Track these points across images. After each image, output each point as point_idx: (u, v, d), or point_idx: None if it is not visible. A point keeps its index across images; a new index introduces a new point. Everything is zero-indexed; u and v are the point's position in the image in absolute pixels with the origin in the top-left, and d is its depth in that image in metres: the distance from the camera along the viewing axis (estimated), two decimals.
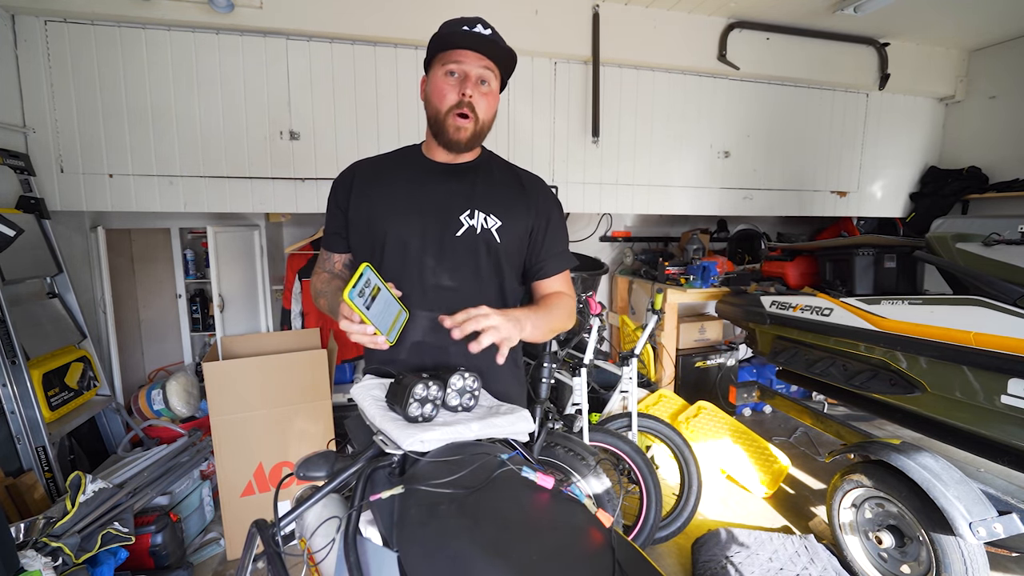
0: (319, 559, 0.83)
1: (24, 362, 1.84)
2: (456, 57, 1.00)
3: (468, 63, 1.00)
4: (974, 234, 1.72)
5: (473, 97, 1.02)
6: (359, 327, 0.85)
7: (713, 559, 1.96)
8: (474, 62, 1.00)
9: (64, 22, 2.17)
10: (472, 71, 1.01)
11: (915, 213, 3.63)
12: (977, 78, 3.44)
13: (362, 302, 0.82)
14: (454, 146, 1.07)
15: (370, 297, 0.84)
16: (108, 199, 2.29)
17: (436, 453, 0.80)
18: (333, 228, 1.16)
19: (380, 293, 0.87)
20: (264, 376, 2.10)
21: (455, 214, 1.07)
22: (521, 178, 1.18)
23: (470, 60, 1.00)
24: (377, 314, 0.86)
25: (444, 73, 1.02)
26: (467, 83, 1.01)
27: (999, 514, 1.48)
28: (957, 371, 1.64)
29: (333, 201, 1.15)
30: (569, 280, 1.20)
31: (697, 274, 3.16)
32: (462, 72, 1.01)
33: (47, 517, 1.57)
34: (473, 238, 1.07)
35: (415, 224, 1.07)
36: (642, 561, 0.62)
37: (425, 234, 1.06)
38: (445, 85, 1.02)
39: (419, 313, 1.06)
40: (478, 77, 1.02)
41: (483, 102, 1.04)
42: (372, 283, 0.84)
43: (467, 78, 1.01)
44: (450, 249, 1.07)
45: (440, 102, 1.03)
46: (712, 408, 2.93)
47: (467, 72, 1.01)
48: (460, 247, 1.07)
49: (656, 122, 3.04)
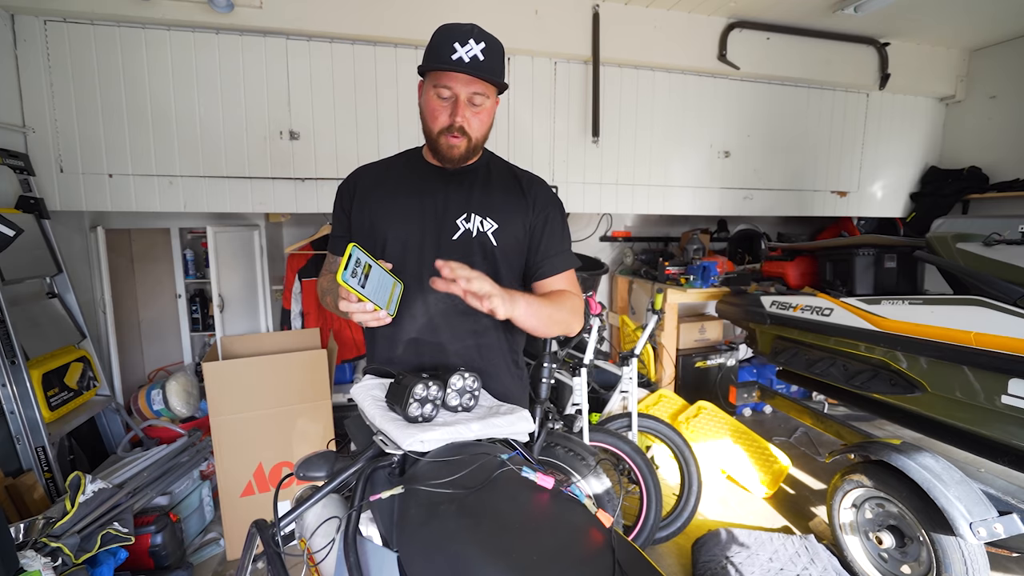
0: (319, 559, 0.83)
1: (24, 362, 1.84)
2: (446, 81, 0.99)
3: (458, 86, 0.99)
4: (974, 234, 1.72)
5: (465, 118, 1.02)
6: (358, 306, 0.87)
7: (713, 559, 1.96)
8: (465, 84, 0.99)
9: (64, 22, 2.16)
10: (463, 93, 1.00)
11: (915, 213, 3.63)
12: (977, 78, 3.44)
13: (356, 281, 0.84)
14: (448, 162, 1.08)
15: (363, 275, 0.86)
16: (108, 199, 2.29)
17: (436, 453, 0.80)
18: (339, 232, 1.19)
19: (372, 270, 0.88)
20: (264, 376, 2.10)
21: (451, 218, 1.08)
22: (520, 179, 1.18)
23: (460, 83, 0.99)
24: (373, 290, 0.87)
25: (435, 95, 1.01)
26: (458, 107, 1.00)
27: (999, 514, 1.48)
28: (957, 371, 1.63)
29: (338, 205, 1.18)
30: (575, 280, 1.18)
31: (697, 274, 3.16)
32: (453, 95, 1.00)
33: (47, 517, 1.57)
34: (469, 241, 1.08)
35: (413, 228, 1.08)
36: (642, 561, 0.61)
37: (423, 238, 1.08)
38: (437, 106, 1.02)
39: (420, 306, 1.07)
40: (468, 98, 1.01)
41: (475, 121, 1.04)
42: (362, 261, 0.86)
43: (458, 101, 1.00)
44: (446, 252, 1.06)
45: (432, 123, 1.04)
46: (712, 408, 2.93)
47: (458, 95, 1.00)
48: (456, 250, 1.07)
49: (656, 122, 3.04)
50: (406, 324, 1.07)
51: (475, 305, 0.88)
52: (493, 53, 1.00)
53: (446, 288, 0.86)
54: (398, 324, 1.04)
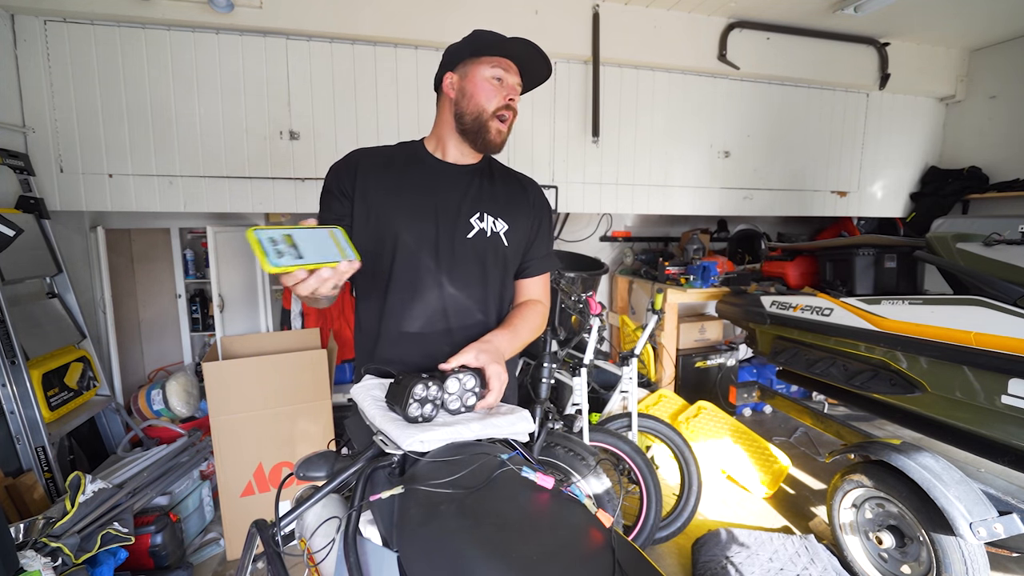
0: (319, 559, 0.83)
1: (24, 362, 1.84)
2: (505, 64, 1.06)
3: (511, 74, 1.07)
4: (974, 234, 1.72)
5: (515, 103, 1.08)
6: (315, 278, 0.76)
7: (713, 559, 1.96)
8: (514, 74, 1.08)
9: (64, 22, 2.16)
10: (512, 81, 1.07)
11: (915, 213, 3.63)
12: (977, 78, 3.44)
13: (290, 258, 0.71)
14: (490, 147, 1.10)
15: (291, 247, 0.72)
16: (108, 199, 2.29)
17: (436, 453, 0.80)
18: (331, 214, 1.10)
19: (295, 236, 0.74)
20: (264, 376, 2.10)
21: (465, 216, 1.08)
22: (521, 181, 1.20)
23: (513, 72, 1.07)
24: (315, 252, 0.75)
25: (492, 76, 1.06)
26: (512, 90, 1.07)
27: (999, 514, 1.48)
28: (957, 371, 1.63)
29: (335, 186, 1.09)
30: (547, 283, 1.24)
31: (697, 274, 3.16)
32: (507, 79, 1.07)
33: (47, 517, 1.57)
34: (483, 241, 1.08)
35: (428, 225, 1.06)
36: (642, 561, 0.62)
37: (438, 235, 1.06)
38: (492, 87, 1.06)
39: (437, 305, 1.07)
40: (515, 86, 1.08)
41: (513, 113, 1.10)
42: (277, 237, 0.72)
43: (510, 87, 1.07)
44: (460, 251, 1.07)
45: (487, 102, 1.06)
46: (712, 408, 2.93)
47: (509, 82, 1.07)
48: (470, 249, 1.08)
49: (656, 122, 3.04)
50: (420, 323, 1.07)
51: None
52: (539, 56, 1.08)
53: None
54: (409, 321, 1.06)
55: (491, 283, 1.11)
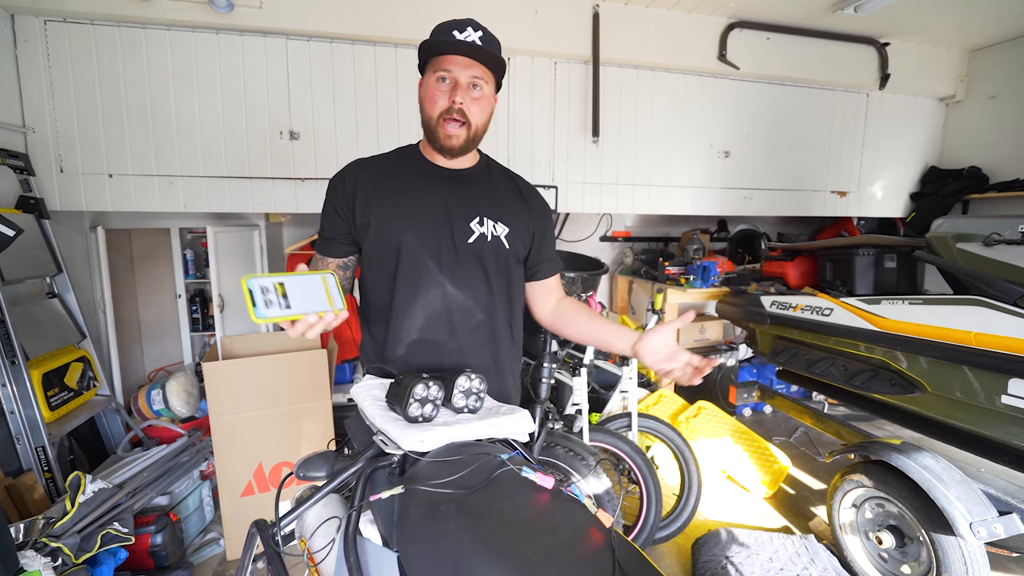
0: (319, 559, 0.83)
1: (24, 362, 1.84)
2: (446, 64, 1.00)
3: (458, 69, 1.00)
4: (974, 234, 1.72)
5: (464, 103, 1.01)
6: (302, 324, 0.79)
7: (713, 559, 1.96)
8: (464, 68, 1.00)
9: (64, 22, 2.16)
10: (462, 77, 1.00)
11: (915, 213, 3.63)
12: (977, 78, 3.44)
13: (277, 308, 0.74)
14: (447, 152, 1.06)
15: (282, 296, 0.75)
16: (108, 199, 2.29)
17: (436, 453, 0.80)
18: (330, 232, 1.10)
19: (287, 283, 0.77)
20: (264, 376, 2.09)
21: (465, 220, 1.08)
22: (519, 184, 1.20)
23: (460, 66, 0.99)
24: (302, 302, 0.77)
25: (435, 79, 1.01)
26: (458, 90, 1.00)
27: (999, 514, 1.48)
28: (957, 371, 1.63)
29: (331, 205, 1.10)
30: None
31: (697, 274, 3.16)
32: (452, 78, 1.00)
33: (47, 517, 1.57)
34: (484, 245, 1.08)
35: (428, 231, 1.06)
36: (642, 561, 0.62)
37: (439, 241, 1.06)
38: (436, 91, 1.02)
39: (440, 309, 1.08)
40: (469, 82, 1.01)
41: (475, 107, 1.03)
42: (268, 285, 0.75)
43: (457, 84, 1.00)
44: (463, 255, 1.07)
45: (431, 108, 1.03)
46: (712, 408, 2.93)
47: (457, 78, 1.00)
48: (471, 253, 1.07)
49: (656, 122, 3.04)
50: (425, 327, 1.07)
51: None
52: (491, 41, 1.02)
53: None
54: (415, 325, 1.06)
55: (496, 285, 1.11)
